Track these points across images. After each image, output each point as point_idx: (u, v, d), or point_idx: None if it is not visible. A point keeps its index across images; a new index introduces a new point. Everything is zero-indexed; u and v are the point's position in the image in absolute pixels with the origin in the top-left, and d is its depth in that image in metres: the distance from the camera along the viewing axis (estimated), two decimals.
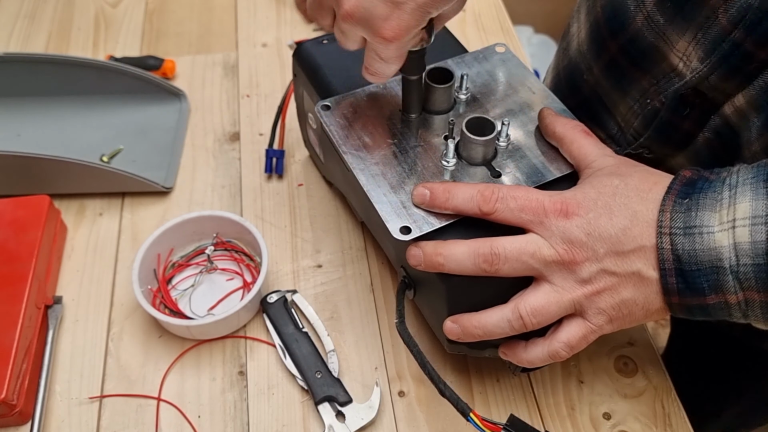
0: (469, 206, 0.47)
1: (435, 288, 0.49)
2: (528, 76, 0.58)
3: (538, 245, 0.45)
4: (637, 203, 0.45)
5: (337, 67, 0.59)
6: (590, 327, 0.46)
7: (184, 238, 0.64)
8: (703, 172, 0.45)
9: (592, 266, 0.45)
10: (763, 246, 0.40)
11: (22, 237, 0.60)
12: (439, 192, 0.47)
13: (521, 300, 0.46)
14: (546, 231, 0.45)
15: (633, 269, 0.44)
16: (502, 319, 0.46)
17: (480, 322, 0.47)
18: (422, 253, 0.47)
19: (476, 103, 0.55)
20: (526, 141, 0.53)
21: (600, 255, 0.44)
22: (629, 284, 0.45)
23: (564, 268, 0.45)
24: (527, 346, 0.48)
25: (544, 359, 0.47)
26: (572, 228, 0.45)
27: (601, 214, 0.45)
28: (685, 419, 0.55)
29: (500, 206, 0.46)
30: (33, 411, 0.55)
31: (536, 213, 0.45)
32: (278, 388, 0.57)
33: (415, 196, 0.48)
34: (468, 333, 0.48)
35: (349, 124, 0.54)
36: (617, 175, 0.47)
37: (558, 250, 0.45)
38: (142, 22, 0.89)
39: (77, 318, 0.61)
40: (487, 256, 0.45)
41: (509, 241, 0.45)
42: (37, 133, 0.75)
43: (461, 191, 0.47)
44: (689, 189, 0.44)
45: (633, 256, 0.44)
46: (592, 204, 0.45)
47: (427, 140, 0.53)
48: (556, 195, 0.46)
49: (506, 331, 0.47)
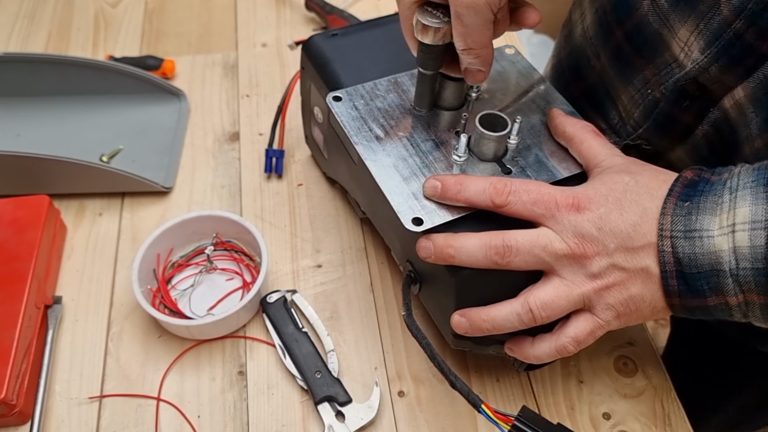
0: (481, 198, 0.47)
1: (442, 282, 0.50)
2: (537, 78, 0.58)
3: (550, 239, 0.45)
4: (647, 200, 0.45)
5: (346, 60, 0.59)
6: (598, 322, 0.46)
7: (184, 238, 0.64)
8: (704, 173, 0.46)
9: (602, 261, 0.45)
10: (762, 250, 0.40)
11: (22, 237, 0.60)
12: (451, 184, 0.47)
13: (531, 294, 0.46)
14: (557, 225, 0.45)
15: (642, 265, 0.44)
16: (511, 313, 0.46)
17: (489, 315, 0.47)
18: (433, 245, 0.47)
19: (486, 101, 0.56)
20: (536, 140, 0.53)
21: (610, 250, 0.45)
22: (638, 280, 0.45)
23: (574, 262, 0.45)
24: (534, 342, 0.48)
25: (551, 354, 0.47)
26: (583, 222, 0.45)
27: (611, 210, 0.45)
28: (685, 419, 0.55)
29: (513, 199, 0.46)
30: (33, 411, 0.55)
31: (548, 207, 0.46)
32: (278, 388, 0.57)
33: (427, 188, 0.48)
34: (476, 327, 0.48)
35: (360, 115, 0.54)
36: (627, 172, 0.47)
37: (569, 244, 0.45)
38: (141, 22, 0.89)
39: (77, 318, 0.61)
40: (499, 248, 0.45)
41: (521, 234, 0.46)
42: (36, 133, 0.75)
43: (473, 183, 0.47)
44: (690, 191, 0.44)
45: (642, 252, 0.44)
46: (603, 199, 0.45)
47: (437, 135, 0.53)
48: (567, 190, 0.47)
49: (515, 325, 0.47)
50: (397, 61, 0.59)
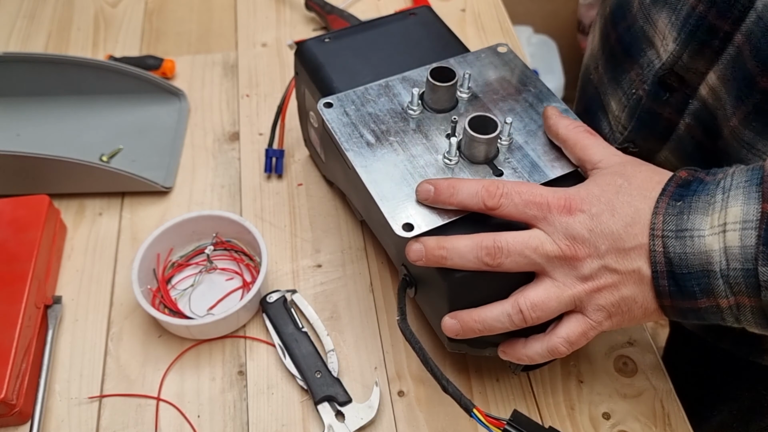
0: (473, 201, 0.47)
1: (436, 285, 0.49)
2: (529, 75, 0.58)
3: (541, 240, 0.45)
4: (639, 201, 0.45)
5: (338, 65, 0.59)
6: (590, 323, 0.46)
7: (184, 238, 0.64)
8: (699, 173, 0.46)
9: (594, 263, 0.45)
10: (752, 251, 0.40)
11: (22, 237, 0.60)
12: (444, 188, 0.47)
13: (522, 295, 0.46)
14: (549, 226, 0.45)
15: (634, 267, 0.44)
16: (502, 314, 0.46)
17: (480, 316, 0.47)
18: (424, 248, 0.47)
19: (478, 101, 0.56)
20: (528, 140, 0.53)
21: (602, 252, 0.44)
22: (630, 282, 0.45)
23: (566, 264, 0.45)
24: (527, 343, 0.48)
25: (543, 355, 0.47)
26: (575, 224, 0.45)
27: (603, 211, 0.45)
28: (685, 419, 0.55)
29: (505, 201, 0.46)
30: (32, 411, 0.55)
31: (540, 208, 0.46)
32: (278, 388, 0.57)
33: (420, 192, 0.48)
34: (467, 328, 0.48)
35: (351, 121, 0.54)
36: (621, 174, 0.47)
37: (560, 246, 0.45)
38: (141, 21, 0.89)
39: (77, 318, 0.61)
40: (490, 249, 0.45)
41: (512, 235, 0.46)
42: (36, 133, 0.75)
43: (466, 187, 0.47)
44: (683, 191, 0.44)
45: (634, 254, 0.44)
46: (596, 201, 0.45)
47: (429, 138, 0.53)
48: (560, 191, 0.46)
49: (506, 326, 0.47)
50: (389, 63, 0.59)
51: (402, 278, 0.54)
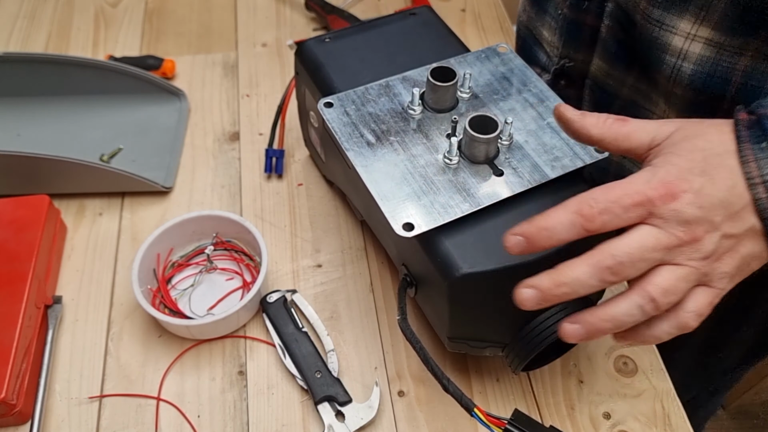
0: (573, 233, 0.43)
1: (436, 285, 0.49)
2: (529, 75, 0.58)
3: (655, 236, 0.42)
4: (728, 158, 0.43)
5: (339, 65, 0.59)
6: (715, 291, 0.44)
7: (184, 238, 0.64)
8: (756, 110, 0.44)
9: (714, 236, 0.43)
10: None
11: (22, 237, 0.60)
12: (535, 233, 0.43)
13: (648, 282, 0.43)
14: (658, 219, 0.42)
15: (748, 225, 0.43)
16: (632, 307, 0.43)
17: (608, 314, 0.44)
18: (539, 291, 0.43)
19: (478, 101, 0.56)
20: (528, 139, 0.53)
21: (717, 223, 0.42)
22: (746, 240, 0.43)
23: (687, 248, 0.43)
24: (651, 324, 0.45)
25: (672, 333, 0.45)
26: (684, 207, 0.42)
27: (704, 183, 0.42)
28: (685, 419, 0.55)
29: (606, 218, 0.42)
30: (32, 411, 0.55)
31: (643, 206, 0.42)
32: (278, 388, 0.57)
33: (512, 248, 0.44)
34: (595, 330, 0.44)
35: (352, 121, 0.54)
36: (693, 137, 0.44)
37: (677, 235, 0.42)
38: (141, 21, 0.89)
39: (77, 318, 0.61)
40: (613, 268, 0.42)
41: (625, 243, 0.42)
42: (36, 133, 0.75)
43: (557, 221, 0.43)
44: (758, 132, 0.43)
45: (744, 213, 0.43)
46: (690, 174, 0.43)
47: (429, 138, 0.53)
48: (650, 178, 0.43)
49: (638, 318, 0.43)
50: (390, 63, 0.59)
51: (402, 278, 0.54)
